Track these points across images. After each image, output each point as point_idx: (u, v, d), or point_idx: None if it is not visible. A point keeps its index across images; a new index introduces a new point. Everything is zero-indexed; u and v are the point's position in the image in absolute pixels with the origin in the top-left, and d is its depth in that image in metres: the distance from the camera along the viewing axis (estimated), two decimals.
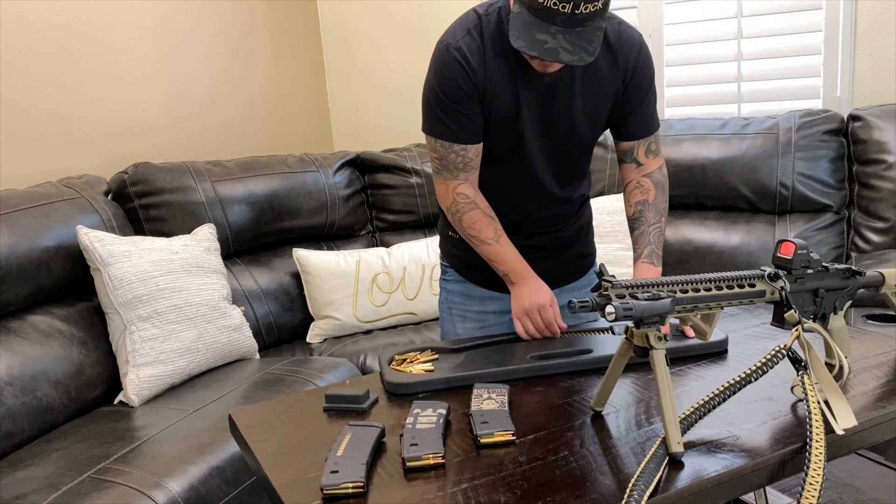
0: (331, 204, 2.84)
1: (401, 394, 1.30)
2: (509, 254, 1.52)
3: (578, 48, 1.25)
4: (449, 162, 1.47)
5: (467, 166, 1.48)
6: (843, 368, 1.16)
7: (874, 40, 2.52)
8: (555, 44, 1.24)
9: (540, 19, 1.24)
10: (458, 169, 1.48)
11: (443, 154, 1.47)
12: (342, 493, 0.96)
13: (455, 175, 1.49)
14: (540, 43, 1.24)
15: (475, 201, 1.50)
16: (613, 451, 1.04)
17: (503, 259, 1.52)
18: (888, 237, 2.39)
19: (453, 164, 1.47)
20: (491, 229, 1.51)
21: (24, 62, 2.34)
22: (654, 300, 1.00)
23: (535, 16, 1.24)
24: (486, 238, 1.51)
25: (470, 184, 1.50)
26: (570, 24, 1.23)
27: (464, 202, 1.50)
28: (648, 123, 1.55)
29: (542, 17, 1.23)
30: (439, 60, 1.42)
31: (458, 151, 1.46)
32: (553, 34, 1.24)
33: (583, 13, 1.22)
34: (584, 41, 1.25)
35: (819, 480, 0.94)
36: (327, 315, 2.61)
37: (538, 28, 1.24)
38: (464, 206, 1.50)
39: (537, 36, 1.24)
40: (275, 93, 3.24)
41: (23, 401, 1.87)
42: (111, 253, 2.08)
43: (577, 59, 1.25)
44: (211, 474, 1.68)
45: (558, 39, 1.24)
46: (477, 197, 1.51)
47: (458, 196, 1.50)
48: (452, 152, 1.46)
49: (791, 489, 1.50)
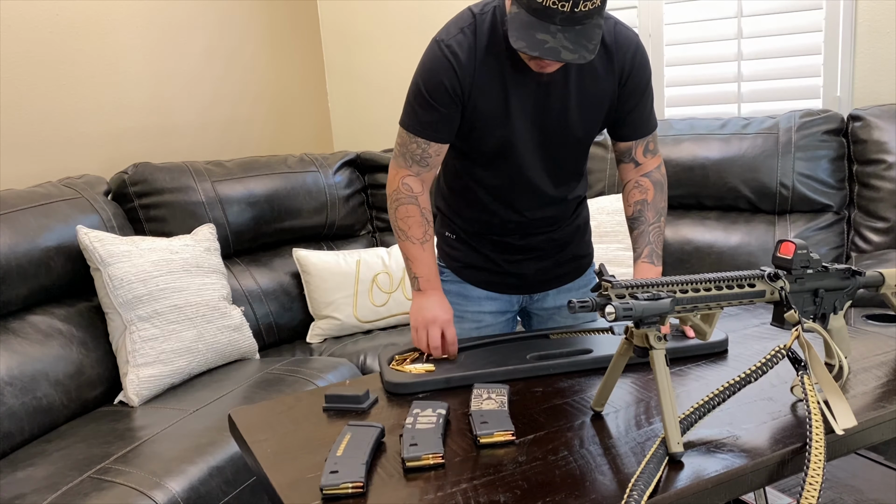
0: (331, 204, 2.84)
1: (400, 394, 1.30)
2: (428, 260, 1.52)
3: (579, 46, 1.25)
4: (407, 151, 1.49)
5: (423, 161, 1.49)
6: (842, 368, 1.16)
7: (874, 40, 2.52)
8: (555, 43, 1.24)
9: (539, 19, 1.24)
10: (414, 161, 1.49)
11: (405, 141, 1.49)
12: (342, 493, 0.96)
13: (408, 165, 1.50)
14: (540, 43, 1.24)
15: (417, 197, 1.51)
16: (613, 451, 1.04)
17: (421, 262, 1.52)
18: (888, 237, 2.39)
19: (411, 154, 1.49)
20: (421, 230, 1.52)
21: (24, 62, 2.34)
22: (653, 300, 1.00)
23: (533, 15, 1.24)
24: (413, 236, 1.52)
25: (420, 179, 1.51)
26: (569, 22, 1.23)
27: (406, 193, 1.51)
28: (646, 124, 1.54)
29: (540, 17, 1.23)
30: (429, 56, 1.43)
31: (419, 143, 1.47)
32: (553, 33, 1.24)
33: (581, 11, 1.22)
34: (583, 39, 1.25)
35: (819, 480, 0.94)
36: (327, 315, 2.61)
37: (537, 28, 1.24)
38: (404, 198, 1.51)
39: (537, 36, 1.24)
40: (275, 93, 3.24)
41: (23, 401, 1.87)
42: (111, 253, 2.08)
43: (578, 57, 1.25)
44: (211, 474, 1.68)
45: (558, 38, 1.24)
46: (422, 195, 1.52)
47: (402, 185, 1.51)
48: (414, 143, 1.47)
49: (791, 489, 1.50)
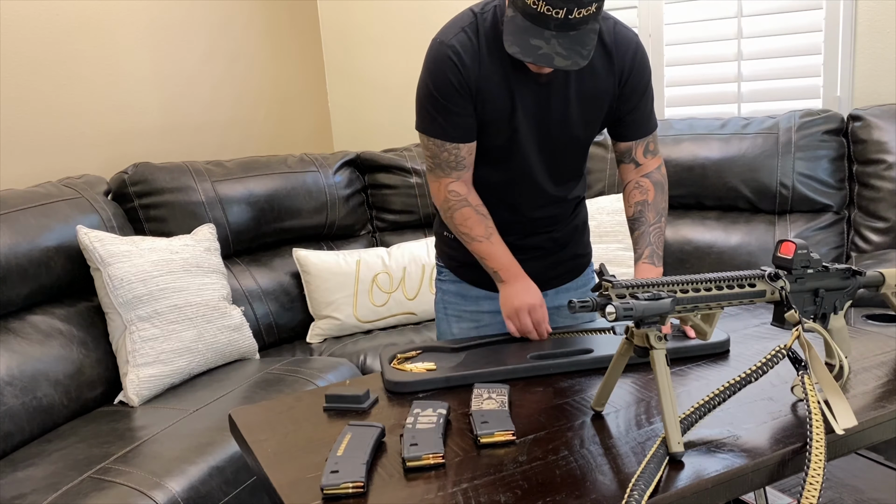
0: (331, 204, 2.84)
1: (400, 392, 1.30)
2: (500, 252, 1.52)
3: (572, 52, 1.25)
4: (441, 160, 1.48)
5: (460, 164, 1.48)
6: (843, 368, 1.16)
7: (874, 40, 2.52)
8: (548, 49, 1.24)
9: (534, 24, 1.24)
10: (451, 167, 1.48)
11: (435, 152, 1.48)
12: (342, 493, 0.96)
13: (447, 173, 1.49)
14: (534, 48, 1.24)
15: (467, 199, 1.51)
16: (613, 451, 1.04)
17: (494, 257, 1.52)
18: (888, 237, 2.39)
19: (446, 162, 1.48)
20: (482, 227, 1.51)
21: (24, 62, 2.34)
22: (654, 300, 1.00)
23: (528, 20, 1.24)
24: (477, 235, 1.51)
25: (462, 181, 1.50)
26: (563, 28, 1.23)
27: (455, 199, 1.50)
28: (646, 124, 1.55)
29: (535, 22, 1.24)
30: (433, 58, 1.43)
31: (450, 150, 1.46)
32: (547, 39, 1.24)
33: (576, 18, 1.22)
34: (577, 45, 1.25)
35: (819, 480, 0.94)
36: (327, 315, 2.61)
37: (532, 33, 1.24)
38: (456, 204, 1.50)
39: (531, 41, 1.24)
40: (275, 93, 3.24)
41: (23, 401, 1.87)
42: (111, 253, 2.08)
43: (570, 63, 1.25)
44: (211, 474, 1.68)
45: (552, 44, 1.24)
46: (469, 195, 1.51)
47: (450, 193, 1.50)
48: (445, 150, 1.46)
49: (791, 489, 1.50)
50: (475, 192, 1.53)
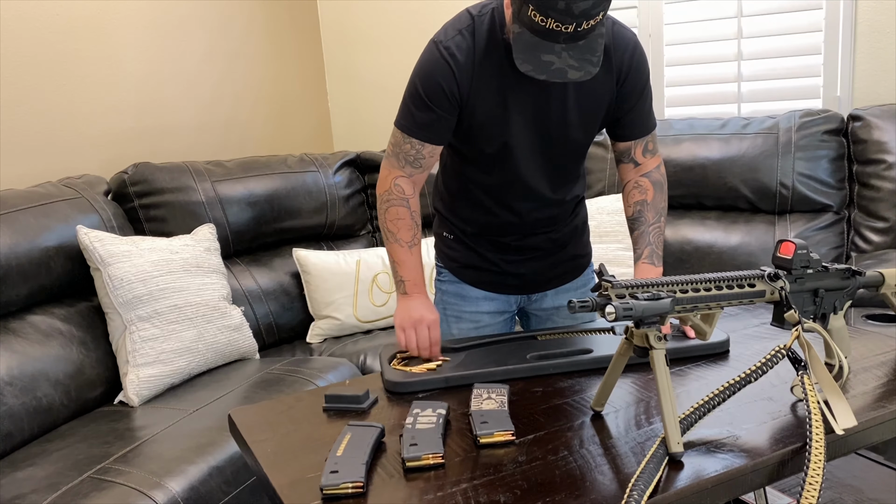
0: (331, 204, 2.84)
1: (400, 392, 1.30)
2: (415, 263, 1.52)
3: (584, 62, 1.26)
4: (401, 151, 1.48)
5: (417, 162, 1.48)
6: (842, 368, 1.16)
7: (874, 40, 2.52)
8: (560, 63, 1.25)
9: (543, 39, 1.24)
10: (408, 162, 1.48)
11: (398, 141, 1.48)
12: (342, 493, 0.96)
13: (401, 166, 1.49)
14: (546, 65, 1.25)
15: (408, 199, 1.51)
16: (613, 451, 1.04)
17: (407, 266, 1.51)
18: (888, 237, 2.39)
19: (404, 154, 1.48)
20: (410, 233, 1.51)
21: (24, 62, 2.34)
22: (653, 300, 1.00)
23: (537, 36, 1.24)
24: (402, 238, 1.51)
25: (412, 181, 1.51)
26: (573, 39, 1.24)
27: (397, 195, 1.50)
28: (645, 123, 1.54)
29: (545, 38, 1.24)
30: (427, 58, 1.43)
31: (413, 144, 1.46)
32: (558, 53, 1.25)
33: (585, 29, 1.22)
34: (587, 53, 1.26)
35: (819, 480, 0.94)
36: (327, 315, 2.61)
37: (542, 49, 1.24)
38: (395, 199, 1.50)
39: (543, 58, 1.25)
40: (275, 93, 3.24)
41: (23, 401, 1.87)
42: (111, 253, 2.08)
43: (583, 74, 1.26)
44: (211, 474, 1.68)
45: (563, 58, 1.25)
46: (413, 197, 1.51)
47: (394, 186, 1.50)
48: (408, 143, 1.47)
49: (791, 489, 1.50)
50: (418, 196, 1.53)
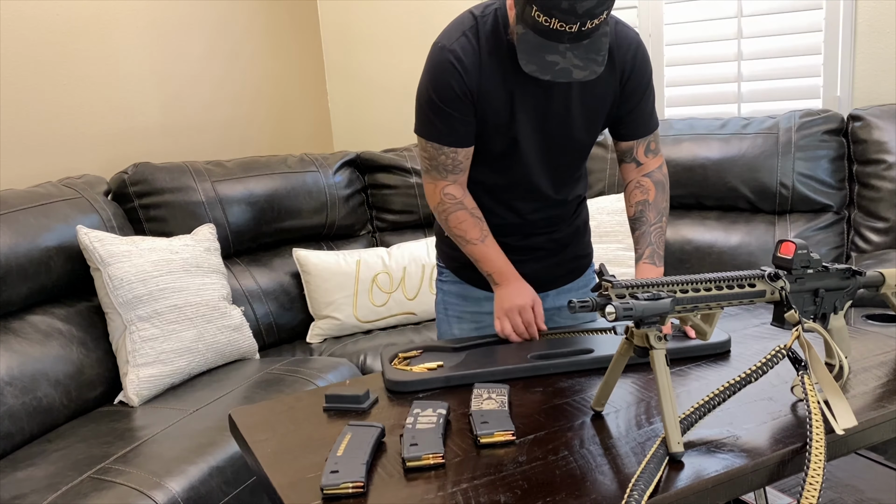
0: (331, 204, 2.84)
1: (400, 392, 1.30)
2: (494, 255, 1.52)
3: (588, 61, 1.26)
4: (438, 163, 1.48)
5: (457, 168, 1.48)
6: (843, 368, 1.16)
7: (874, 40, 2.52)
8: (565, 63, 1.25)
9: (547, 39, 1.24)
10: (447, 171, 1.48)
11: (433, 155, 1.48)
12: (342, 493, 0.96)
13: (444, 176, 1.49)
14: (551, 65, 1.25)
15: (462, 202, 1.51)
16: (613, 451, 1.04)
17: (488, 259, 1.52)
18: (888, 237, 2.39)
19: (443, 165, 1.48)
20: (477, 230, 1.51)
21: (24, 62, 2.34)
22: (654, 300, 1.00)
23: (541, 36, 1.24)
24: (472, 238, 1.51)
25: (458, 185, 1.51)
26: (577, 39, 1.24)
27: (451, 202, 1.50)
28: (647, 123, 1.54)
29: (549, 38, 1.24)
30: (434, 62, 1.43)
31: (448, 153, 1.46)
32: (562, 53, 1.24)
33: (589, 28, 1.22)
34: (592, 53, 1.26)
35: (819, 480, 0.94)
36: (327, 315, 2.61)
37: (547, 49, 1.24)
38: (451, 207, 1.51)
39: (547, 58, 1.25)
40: (275, 93, 3.24)
41: (23, 401, 1.87)
42: (111, 253, 2.08)
43: (588, 73, 1.26)
44: (211, 474, 1.68)
45: (568, 58, 1.25)
46: (465, 198, 1.52)
47: (445, 196, 1.50)
48: (442, 154, 1.46)
49: (791, 489, 1.50)
50: (469, 195, 1.53)
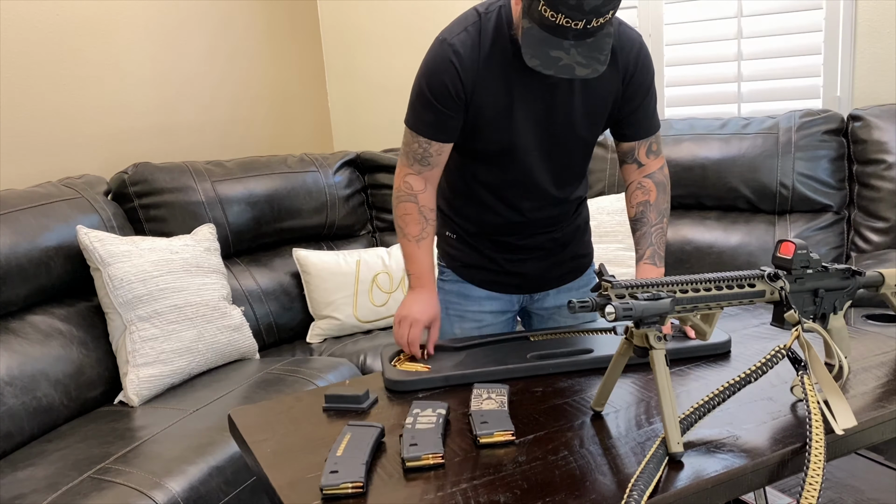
0: (331, 204, 2.84)
1: (400, 392, 1.30)
2: (422, 258, 1.54)
3: (591, 59, 1.27)
4: (411, 150, 1.51)
5: (425, 160, 1.50)
6: (842, 368, 1.16)
7: (874, 40, 2.52)
8: (569, 59, 1.26)
9: (552, 35, 1.25)
10: (416, 160, 1.50)
11: (408, 141, 1.51)
12: (342, 493, 0.96)
13: (410, 164, 1.51)
14: (555, 60, 1.26)
15: (417, 196, 1.53)
16: (613, 451, 1.04)
17: (415, 260, 1.54)
18: (888, 237, 2.39)
19: (413, 153, 1.50)
20: (418, 227, 1.53)
21: (24, 62, 2.34)
22: (653, 300, 1.00)
23: (546, 31, 1.25)
24: (409, 233, 1.54)
25: (422, 178, 1.52)
26: (581, 36, 1.25)
27: (406, 191, 1.53)
28: (649, 124, 1.55)
29: (553, 33, 1.24)
30: (432, 55, 1.44)
31: (420, 143, 1.48)
32: (566, 49, 1.25)
33: (594, 26, 1.23)
34: (595, 51, 1.27)
35: (819, 480, 0.94)
36: (327, 315, 2.61)
37: (551, 44, 1.25)
38: (404, 195, 1.53)
39: (551, 53, 1.25)
40: (275, 93, 3.24)
41: (23, 401, 1.87)
42: (111, 253, 2.08)
43: (590, 71, 1.27)
44: (211, 474, 1.68)
45: (572, 54, 1.26)
46: (423, 193, 1.53)
47: (403, 183, 1.53)
48: (416, 142, 1.49)
49: (791, 489, 1.50)
50: (431, 193, 1.54)
